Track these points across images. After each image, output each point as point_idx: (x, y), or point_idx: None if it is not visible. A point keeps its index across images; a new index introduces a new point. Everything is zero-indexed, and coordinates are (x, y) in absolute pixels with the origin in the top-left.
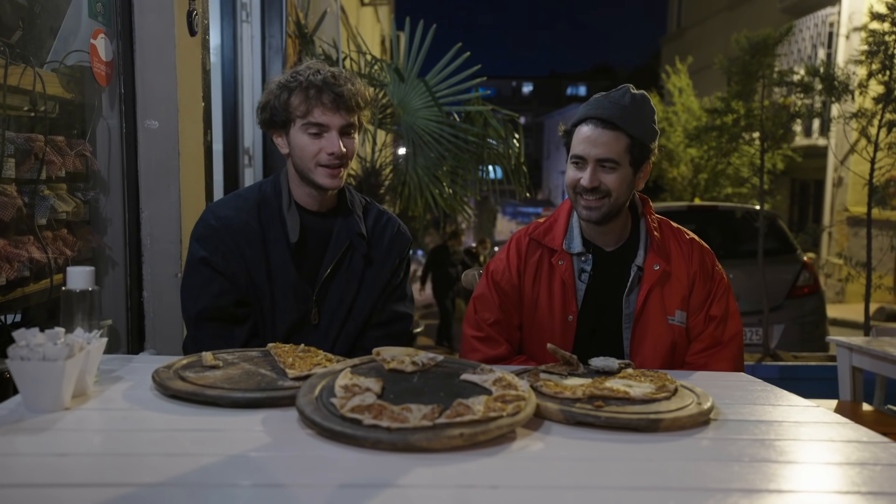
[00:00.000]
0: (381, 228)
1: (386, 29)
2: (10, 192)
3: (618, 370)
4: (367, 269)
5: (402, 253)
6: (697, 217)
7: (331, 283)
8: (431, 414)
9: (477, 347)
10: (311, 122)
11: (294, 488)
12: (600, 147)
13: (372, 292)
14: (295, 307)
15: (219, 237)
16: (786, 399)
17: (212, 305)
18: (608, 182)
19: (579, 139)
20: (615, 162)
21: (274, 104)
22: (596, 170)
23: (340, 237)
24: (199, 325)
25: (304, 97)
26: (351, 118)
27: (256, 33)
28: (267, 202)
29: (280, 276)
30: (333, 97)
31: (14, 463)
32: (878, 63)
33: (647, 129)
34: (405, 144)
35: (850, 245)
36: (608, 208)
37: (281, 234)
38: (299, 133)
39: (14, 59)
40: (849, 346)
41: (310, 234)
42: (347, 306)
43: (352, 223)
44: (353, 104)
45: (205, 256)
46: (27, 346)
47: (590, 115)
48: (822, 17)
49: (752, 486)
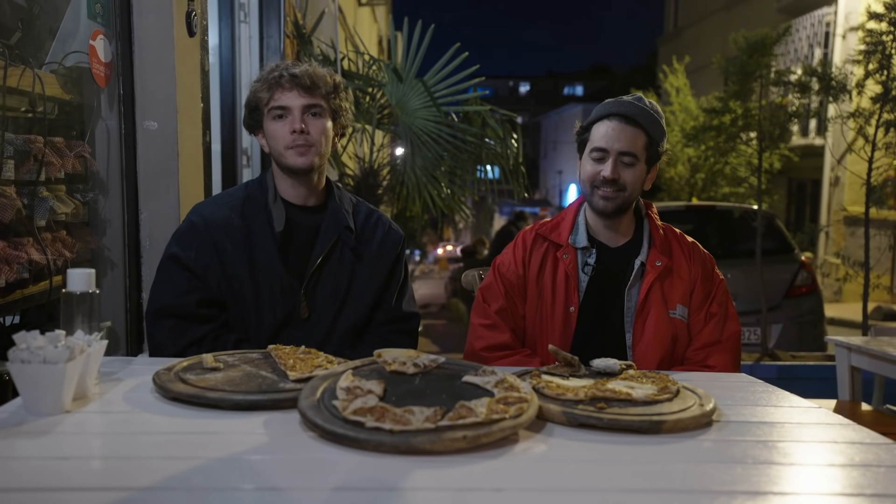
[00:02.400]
0: (372, 226)
1: (383, 29)
2: (9, 194)
3: (619, 371)
4: (358, 265)
5: (396, 250)
6: (695, 217)
7: (319, 276)
8: (434, 416)
9: (482, 335)
10: (274, 106)
11: (297, 492)
12: (623, 141)
13: (364, 289)
14: (282, 301)
15: (195, 232)
16: (787, 400)
17: (172, 303)
18: (626, 176)
19: (600, 134)
20: (635, 156)
21: (249, 102)
22: (617, 163)
23: (328, 231)
24: (156, 320)
25: (267, 87)
26: (313, 99)
27: (254, 34)
28: (252, 198)
29: (265, 269)
30: (289, 77)
31: (15, 466)
32: (876, 63)
33: (661, 131)
34: (403, 145)
35: (847, 244)
36: (622, 201)
37: (266, 227)
38: (268, 122)
39: (13, 60)
40: (848, 345)
41: (296, 228)
42: (339, 301)
43: (339, 217)
44: (310, 83)
45: (175, 253)
46: (28, 348)
47: (612, 112)
48: (818, 17)
49: (755, 488)
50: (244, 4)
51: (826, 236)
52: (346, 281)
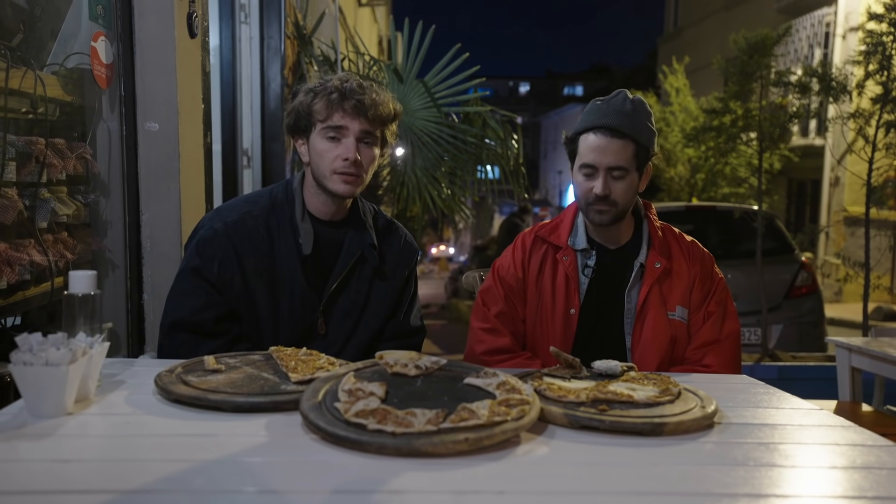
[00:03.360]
0: (389, 240)
1: (383, 29)
2: (10, 196)
3: (621, 373)
4: (376, 281)
5: (410, 266)
6: (695, 217)
7: (340, 293)
8: (436, 418)
9: (482, 338)
10: (330, 125)
11: (298, 494)
12: (610, 156)
13: (380, 304)
14: (301, 316)
15: (219, 243)
16: (788, 402)
17: (190, 318)
18: (617, 190)
19: (588, 148)
20: (624, 169)
21: (299, 109)
22: (607, 178)
23: (352, 248)
24: (170, 332)
25: (326, 102)
26: (371, 127)
27: (255, 34)
28: (279, 209)
29: (286, 286)
30: (355, 103)
31: (17, 469)
32: (876, 63)
33: (650, 133)
34: (403, 145)
35: (847, 245)
36: (617, 212)
37: (292, 242)
38: (318, 137)
39: (15, 62)
40: (848, 346)
41: (322, 245)
42: (355, 318)
43: (364, 234)
44: (375, 113)
45: (197, 266)
46: (30, 351)
47: (597, 124)
48: (818, 18)
49: (757, 490)
50: (245, 5)
51: (826, 237)
52: (364, 298)
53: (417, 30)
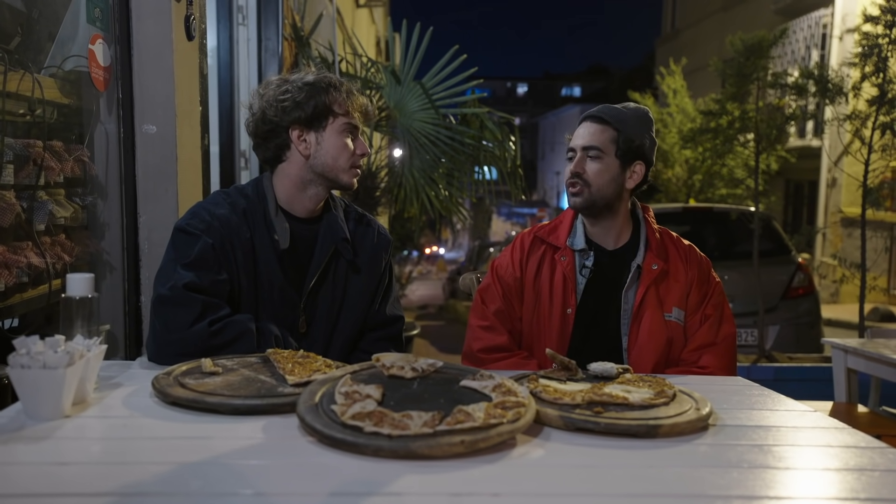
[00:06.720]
0: (362, 233)
1: (381, 30)
2: (8, 198)
3: (616, 375)
4: (352, 275)
5: (385, 257)
6: (692, 218)
7: (318, 290)
8: (432, 421)
9: (480, 336)
10: (350, 123)
11: (295, 497)
12: (586, 137)
13: (357, 298)
14: (283, 316)
15: (218, 234)
16: (783, 404)
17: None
18: (590, 169)
19: (573, 136)
20: (599, 150)
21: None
22: (582, 158)
23: (325, 243)
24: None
25: (345, 97)
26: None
27: (253, 36)
28: (253, 207)
29: (267, 282)
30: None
31: (14, 472)
32: (872, 65)
33: (636, 129)
34: (401, 147)
35: (843, 246)
36: (590, 195)
37: (268, 239)
38: (335, 132)
39: (13, 64)
40: (844, 347)
41: (297, 241)
42: (335, 313)
43: (336, 228)
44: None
45: (214, 244)
46: (28, 353)
47: (586, 115)
48: (815, 19)
49: (751, 492)
50: (242, 7)
51: (823, 238)
52: (342, 292)
53: (415, 31)
